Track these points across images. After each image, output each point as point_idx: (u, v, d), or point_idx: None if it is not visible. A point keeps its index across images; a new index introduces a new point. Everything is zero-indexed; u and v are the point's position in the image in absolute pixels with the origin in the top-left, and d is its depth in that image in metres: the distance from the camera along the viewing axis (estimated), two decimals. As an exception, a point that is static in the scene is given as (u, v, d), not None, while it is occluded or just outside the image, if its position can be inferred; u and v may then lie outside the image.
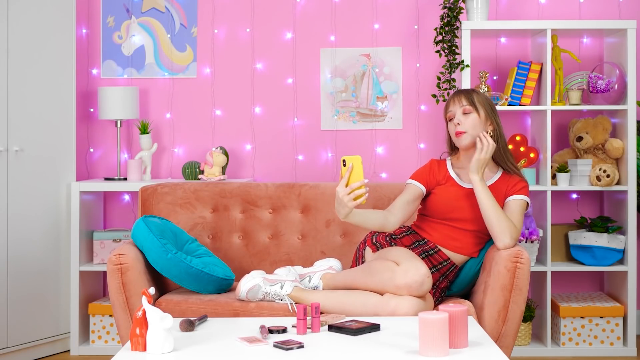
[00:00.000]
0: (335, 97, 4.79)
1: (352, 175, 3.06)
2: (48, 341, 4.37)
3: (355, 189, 3.05)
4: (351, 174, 3.06)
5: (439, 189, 3.45)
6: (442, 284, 3.40)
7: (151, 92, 4.83)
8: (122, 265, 3.34)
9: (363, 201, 3.07)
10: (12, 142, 4.19)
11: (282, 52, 4.82)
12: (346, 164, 3.05)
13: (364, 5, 4.80)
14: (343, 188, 3.06)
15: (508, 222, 3.30)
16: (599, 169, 4.34)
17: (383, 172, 4.79)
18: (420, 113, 4.79)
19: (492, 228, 3.30)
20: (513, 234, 3.29)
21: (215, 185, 3.94)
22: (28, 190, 4.26)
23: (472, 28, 4.38)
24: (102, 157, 4.85)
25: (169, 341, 2.57)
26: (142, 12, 4.83)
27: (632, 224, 4.35)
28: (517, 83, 4.46)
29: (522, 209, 3.40)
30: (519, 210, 3.39)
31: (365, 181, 3.05)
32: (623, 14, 4.75)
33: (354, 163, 3.04)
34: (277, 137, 4.82)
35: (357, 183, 3.05)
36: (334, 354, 2.54)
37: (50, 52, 4.39)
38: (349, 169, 3.05)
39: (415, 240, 3.46)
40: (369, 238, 3.50)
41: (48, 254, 4.36)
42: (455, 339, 2.59)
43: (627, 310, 4.34)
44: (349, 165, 3.04)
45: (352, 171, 3.05)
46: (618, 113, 4.50)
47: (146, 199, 3.87)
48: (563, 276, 4.76)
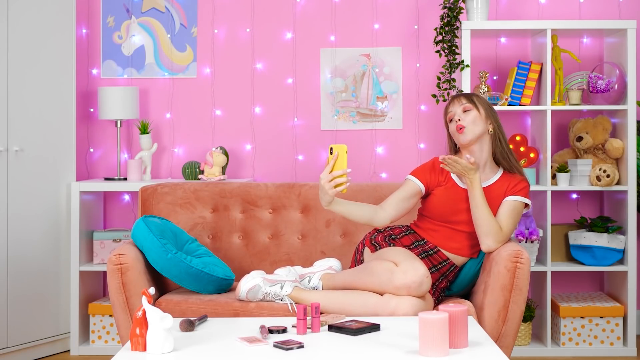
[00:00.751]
0: (335, 97, 4.79)
1: (336, 164, 3.07)
2: (48, 341, 4.37)
3: (336, 177, 3.06)
4: (335, 162, 3.07)
5: (439, 191, 3.44)
6: (442, 284, 3.40)
7: (151, 92, 4.83)
8: (122, 265, 3.34)
9: (344, 190, 3.09)
10: (12, 142, 4.19)
11: (282, 52, 4.82)
12: (332, 152, 3.06)
13: (364, 5, 4.80)
14: (326, 175, 3.09)
15: (494, 226, 3.30)
16: (599, 169, 4.34)
17: (383, 172, 4.79)
18: (420, 113, 4.79)
19: (477, 229, 3.33)
20: (497, 238, 3.30)
21: (215, 185, 3.94)
22: (28, 190, 4.26)
23: (472, 28, 4.38)
24: (102, 157, 4.85)
25: (169, 341, 2.57)
26: (142, 12, 4.83)
27: (632, 224, 4.35)
28: (517, 83, 4.46)
29: (516, 211, 3.38)
30: (510, 212, 3.37)
31: (348, 170, 3.06)
32: (623, 14, 4.75)
33: (339, 152, 3.06)
34: (277, 137, 4.82)
35: (339, 172, 3.06)
36: (334, 354, 2.54)
37: (51, 52, 4.39)
38: (334, 157, 3.06)
39: (415, 240, 3.46)
40: (367, 238, 3.50)
41: (48, 254, 4.36)
42: (455, 339, 2.59)
43: (627, 310, 4.34)
44: (335, 154, 3.06)
45: (336, 159, 3.07)
46: (618, 113, 4.50)
47: (146, 199, 3.87)
48: (563, 276, 4.76)
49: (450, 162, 3.28)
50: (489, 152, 3.45)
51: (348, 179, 3.09)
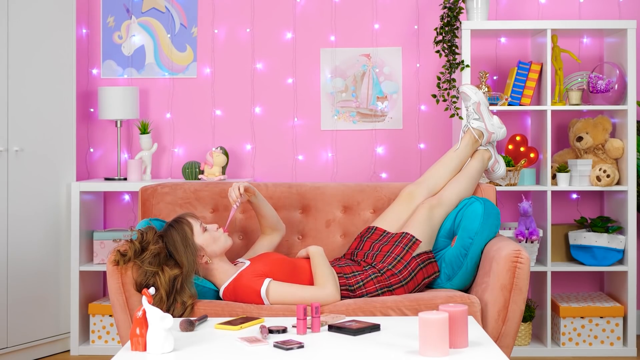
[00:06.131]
0: (335, 97, 4.79)
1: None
2: (48, 341, 4.37)
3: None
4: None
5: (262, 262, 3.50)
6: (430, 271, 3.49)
7: (151, 92, 4.83)
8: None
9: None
10: (12, 142, 4.19)
11: (282, 52, 4.82)
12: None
13: (364, 5, 4.80)
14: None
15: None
16: (599, 169, 4.34)
17: (383, 172, 4.79)
18: (420, 113, 4.79)
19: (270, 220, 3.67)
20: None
21: (215, 185, 3.94)
22: (28, 191, 4.26)
23: (472, 28, 4.38)
24: (102, 157, 4.85)
25: (169, 341, 2.57)
26: (142, 12, 4.83)
27: (632, 224, 4.35)
28: (517, 83, 4.46)
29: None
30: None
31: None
32: (623, 14, 4.75)
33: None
34: (277, 137, 4.82)
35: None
36: (334, 354, 2.54)
37: (51, 52, 4.39)
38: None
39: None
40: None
41: (48, 254, 4.36)
42: (455, 339, 2.59)
43: (627, 310, 4.34)
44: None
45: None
46: (618, 113, 4.50)
47: (146, 199, 3.87)
48: (563, 276, 4.76)
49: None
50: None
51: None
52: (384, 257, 3.47)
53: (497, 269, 3.25)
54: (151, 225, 3.32)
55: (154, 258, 3.19)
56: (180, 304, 3.17)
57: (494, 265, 3.28)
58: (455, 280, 3.49)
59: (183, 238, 3.26)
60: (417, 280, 3.44)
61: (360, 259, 3.54)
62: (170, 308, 3.16)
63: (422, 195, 3.66)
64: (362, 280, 3.40)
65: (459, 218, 3.54)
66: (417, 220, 3.53)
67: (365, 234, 3.64)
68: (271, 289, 3.25)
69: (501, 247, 3.33)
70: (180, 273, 3.19)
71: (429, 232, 3.52)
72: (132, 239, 3.26)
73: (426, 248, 3.51)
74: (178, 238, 3.25)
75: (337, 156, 4.80)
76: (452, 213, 3.58)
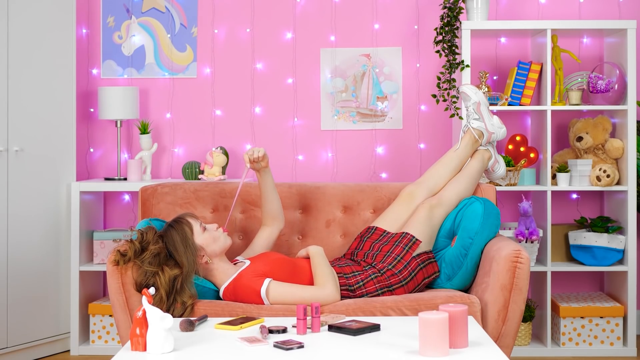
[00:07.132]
0: (335, 97, 4.79)
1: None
2: (48, 341, 4.37)
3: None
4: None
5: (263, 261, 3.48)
6: (430, 271, 3.47)
7: (151, 92, 4.83)
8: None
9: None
10: (12, 142, 4.19)
11: (282, 52, 4.82)
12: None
13: (364, 5, 4.80)
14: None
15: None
16: (599, 169, 4.34)
17: (383, 172, 4.79)
18: (420, 113, 4.79)
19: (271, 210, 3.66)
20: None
21: (215, 185, 3.94)
22: (28, 191, 4.26)
23: (472, 28, 4.38)
24: (102, 157, 4.85)
25: (169, 341, 2.57)
26: (142, 12, 4.83)
27: (632, 224, 4.35)
28: (517, 83, 4.46)
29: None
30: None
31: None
32: (623, 14, 4.75)
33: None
34: (277, 137, 4.82)
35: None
36: (334, 354, 2.54)
37: (51, 52, 4.39)
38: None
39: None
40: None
41: (48, 254, 4.36)
42: (455, 339, 2.59)
43: (627, 310, 4.34)
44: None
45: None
46: (618, 113, 4.50)
47: (146, 199, 3.87)
48: (563, 276, 4.76)
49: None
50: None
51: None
52: (384, 257, 3.47)
53: (497, 269, 3.25)
54: (151, 225, 3.32)
55: (154, 258, 3.19)
56: (180, 304, 3.16)
57: (494, 265, 3.28)
58: (455, 280, 3.50)
59: (183, 238, 3.26)
60: (417, 280, 3.44)
61: (360, 259, 3.54)
62: (170, 308, 3.16)
63: (422, 195, 3.66)
64: (362, 280, 3.40)
65: (459, 218, 3.54)
66: (417, 220, 3.53)
67: (365, 234, 3.64)
68: (271, 288, 3.25)
69: (501, 247, 3.33)
70: (180, 273, 3.19)
71: (429, 232, 3.52)
72: (132, 239, 3.26)
73: (426, 248, 3.50)
74: (178, 238, 3.25)
75: (337, 156, 4.80)
76: (452, 213, 3.58)
